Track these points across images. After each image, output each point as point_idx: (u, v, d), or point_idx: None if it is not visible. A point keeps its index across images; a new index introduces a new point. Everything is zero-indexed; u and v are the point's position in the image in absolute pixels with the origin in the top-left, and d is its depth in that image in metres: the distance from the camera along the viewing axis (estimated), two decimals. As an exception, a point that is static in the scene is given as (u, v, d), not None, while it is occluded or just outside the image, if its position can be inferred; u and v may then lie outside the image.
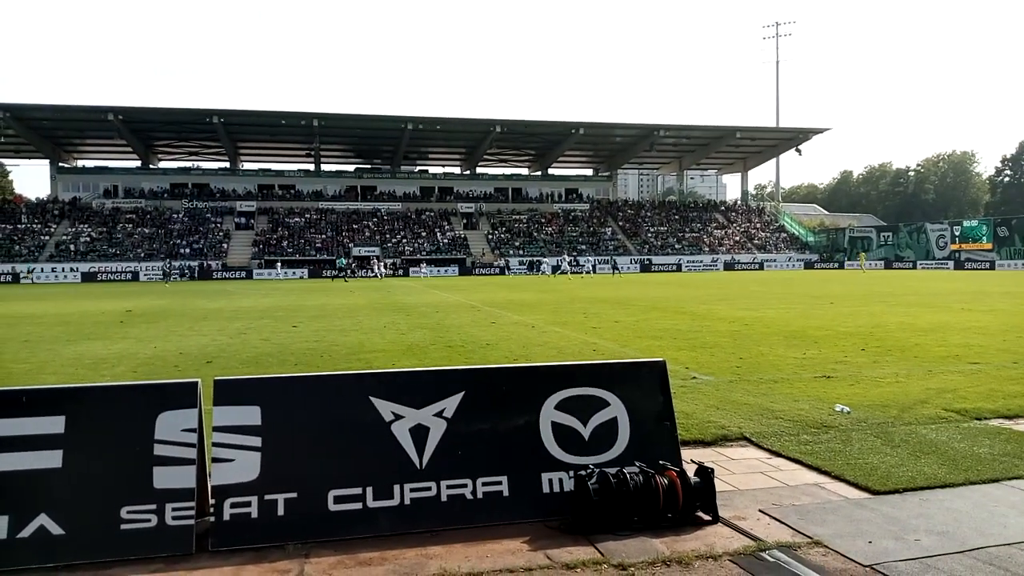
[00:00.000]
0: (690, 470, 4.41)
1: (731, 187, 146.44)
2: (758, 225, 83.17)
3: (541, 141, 79.06)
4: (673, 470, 4.32)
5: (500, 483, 4.35)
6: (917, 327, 14.07)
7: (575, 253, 66.63)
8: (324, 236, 69.92)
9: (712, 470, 4.38)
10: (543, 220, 77.90)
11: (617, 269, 55.38)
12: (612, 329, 14.46)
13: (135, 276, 59.08)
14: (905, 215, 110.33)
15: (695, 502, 4.27)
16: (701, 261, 72.47)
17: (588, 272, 52.09)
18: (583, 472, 4.26)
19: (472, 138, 76.39)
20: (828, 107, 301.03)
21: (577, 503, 4.21)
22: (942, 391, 7.82)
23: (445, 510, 4.23)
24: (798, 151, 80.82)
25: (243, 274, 61.06)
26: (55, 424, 4.00)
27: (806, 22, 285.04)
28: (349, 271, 58.30)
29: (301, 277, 61.03)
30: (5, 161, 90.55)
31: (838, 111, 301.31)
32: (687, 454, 5.14)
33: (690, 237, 77.62)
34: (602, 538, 4.02)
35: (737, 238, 78.80)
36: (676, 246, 75.53)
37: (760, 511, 4.45)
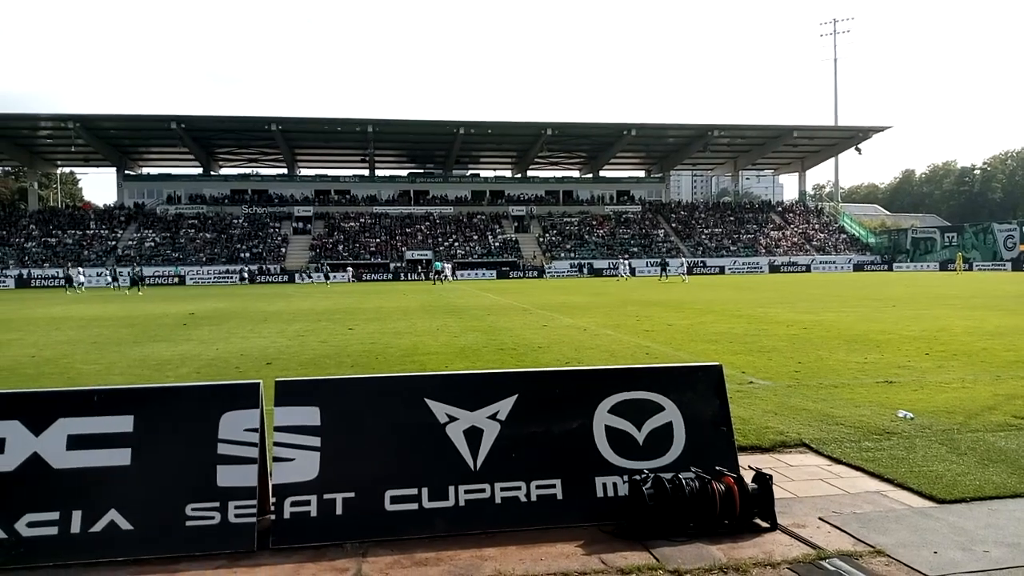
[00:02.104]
0: (748, 476, 4.34)
1: (788, 187, 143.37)
2: (816, 226, 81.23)
3: (592, 143, 78.74)
4: (730, 476, 4.26)
5: (554, 486, 4.35)
6: (984, 331, 13.55)
7: (627, 256, 66.07)
8: (378, 240, 70.95)
9: (770, 476, 4.31)
10: (594, 223, 77.56)
11: (666, 272, 53.59)
12: (665, 332, 14.31)
13: (182, 280, 60.81)
14: (970, 215, 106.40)
15: (753, 509, 4.20)
16: (756, 263, 71.05)
17: (682, 275, 49.43)
18: (637, 477, 4.23)
19: (523, 141, 76.56)
20: (888, 105, 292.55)
21: (631, 508, 4.19)
22: (1011, 397, 7.52)
23: (499, 512, 4.25)
24: (858, 150, 78.84)
25: (320, 277, 61.62)
26: (124, 423, 4.14)
27: (865, 17, 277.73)
28: (435, 275, 55.78)
29: (362, 281, 61.93)
30: (75, 169, 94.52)
31: (899, 109, 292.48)
32: (744, 460, 5.05)
33: (746, 239, 76.27)
34: (657, 544, 3.98)
35: (795, 239, 77.09)
36: (731, 248, 74.32)
37: (820, 519, 4.35)
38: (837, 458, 5.58)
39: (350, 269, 62.56)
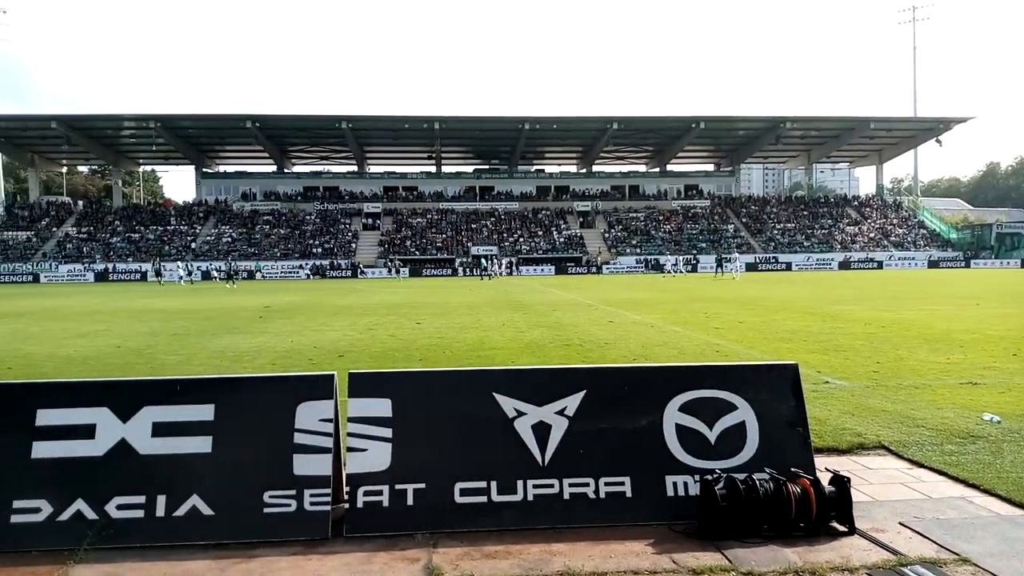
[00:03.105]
0: (824, 479, 4.21)
1: (865, 180, 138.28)
2: (895, 221, 78.17)
3: (659, 137, 77.63)
4: (806, 478, 4.14)
5: (623, 484, 4.31)
6: (1081, 331, 12.80)
7: (681, 252, 64.93)
8: (444, 236, 71.72)
9: (848, 479, 4.17)
10: (661, 217, 76.54)
11: (722, 268, 51.21)
12: (736, 330, 14.02)
13: (251, 274, 62.45)
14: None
15: (830, 512, 4.08)
16: (825, 260, 68.81)
17: (733, 271, 47.98)
18: (709, 477, 4.16)
19: (588, 136, 76.12)
20: (971, 95, 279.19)
21: (703, 508, 4.12)
22: (1112, 402, 7.09)
23: (567, 508, 4.24)
24: (938, 142, 75.30)
25: (392, 271, 62.48)
26: (206, 412, 4.30)
27: (946, 4, 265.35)
28: (483, 271, 57.95)
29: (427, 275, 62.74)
30: (156, 167, 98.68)
31: (982, 99, 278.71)
32: (820, 462, 4.91)
33: (820, 234, 74.01)
34: (729, 545, 3.91)
35: (872, 235, 74.38)
36: (804, 243, 72.22)
37: (900, 524, 4.19)
38: (918, 461, 5.37)
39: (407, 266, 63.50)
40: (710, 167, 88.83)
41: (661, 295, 27.10)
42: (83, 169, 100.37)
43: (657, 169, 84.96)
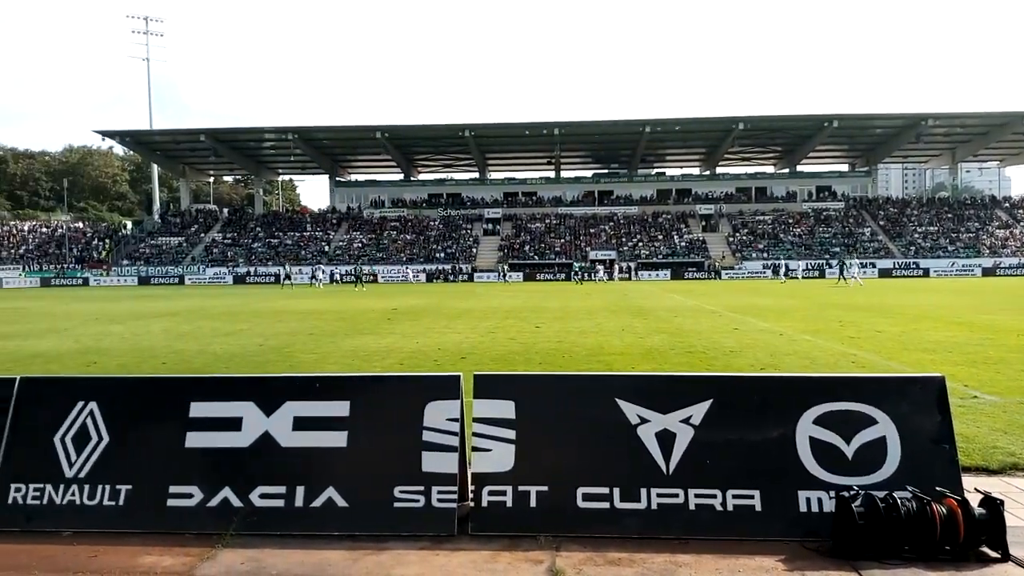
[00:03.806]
0: (974, 500, 3.91)
1: (1017, 180, 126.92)
2: (1055, 223, 71.32)
3: (788, 136, 74.44)
4: (953, 498, 3.86)
5: (752, 497, 4.17)
6: None
7: (785, 257, 61.80)
8: (563, 240, 71.89)
9: (1001, 501, 3.85)
10: (790, 220, 73.39)
11: (845, 274, 45.49)
12: (873, 340, 13.24)
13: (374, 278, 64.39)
14: None
15: (979, 536, 3.79)
16: (971, 266, 63.56)
17: (854, 277, 43.91)
18: (846, 493, 3.95)
19: (712, 137, 74.11)
20: None
21: (838, 525, 3.92)
22: None
23: (693, 519, 4.15)
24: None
25: (500, 276, 63.92)
26: (342, 408, 4.51)
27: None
28: (583, 274, 59.20)
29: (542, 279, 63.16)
30: (294, 177, 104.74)
31: None
32: (969, 482, 4.55)
33: (966, 238, 68.62)
34: (867, 565, 3.71)
35: (1027, 239, 68.20)
36: (948, 248, 67.18)
37: (1065, 555, 3.83)
38: (1086, 488, 4.88)
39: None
40: (844, 167, 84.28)
41: (790, 302, 25.99)
42: (228, 179, 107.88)
43: (786, 170, 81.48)
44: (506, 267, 64.26)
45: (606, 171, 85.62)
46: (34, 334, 16.48)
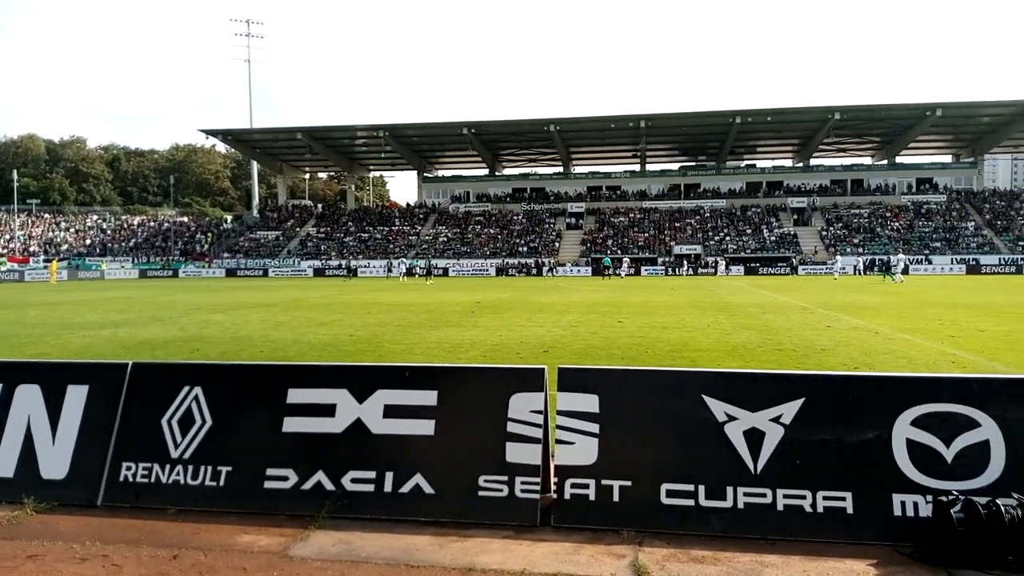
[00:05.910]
0: (1089, 512, 3.68)
1: None
2: None
3: (887, 126, 71.00)
4: (1064, 509, 3.65)
5: (843, 499, 4.05)
6: None
7: (912, 252, 58.65)
8: (647, 235, 70.92)
9: (1122, 515, 3.61)
10: (888, 214, 70.07)
11: (892, 271, 43.59)
12: (976, 339, 12.55)
13: (445, 272, 65.17)
14: None
15: (1093, 549, 3.57)
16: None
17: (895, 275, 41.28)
18: (944, 498, 3.79)
19: (806, 128, 71.47)
20: None
21: (935, 531, 3.77)
22: None
23: (780, 520, 4.07)
24: None
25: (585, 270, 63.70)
26: (430, 397, 4.63)
27: None
28: (610, 271, 56.79)
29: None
30: (384, 173, 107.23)
31: None
32: (1084, 493, 4.28)
33: (1086, 233, 63.82)
34: (965, 574, 3.55)
35: None
36: (1065, 243, 62.65)
37: None
38: None
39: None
40: (947, 158, 79.73)
41: (887, 299, 24.87)
42: (322, 175, 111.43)
43: (884, 161, 77.80)
44: (627, 260, 62.53)
45: (693, 164, 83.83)
46: (141, 322, 17.55)
